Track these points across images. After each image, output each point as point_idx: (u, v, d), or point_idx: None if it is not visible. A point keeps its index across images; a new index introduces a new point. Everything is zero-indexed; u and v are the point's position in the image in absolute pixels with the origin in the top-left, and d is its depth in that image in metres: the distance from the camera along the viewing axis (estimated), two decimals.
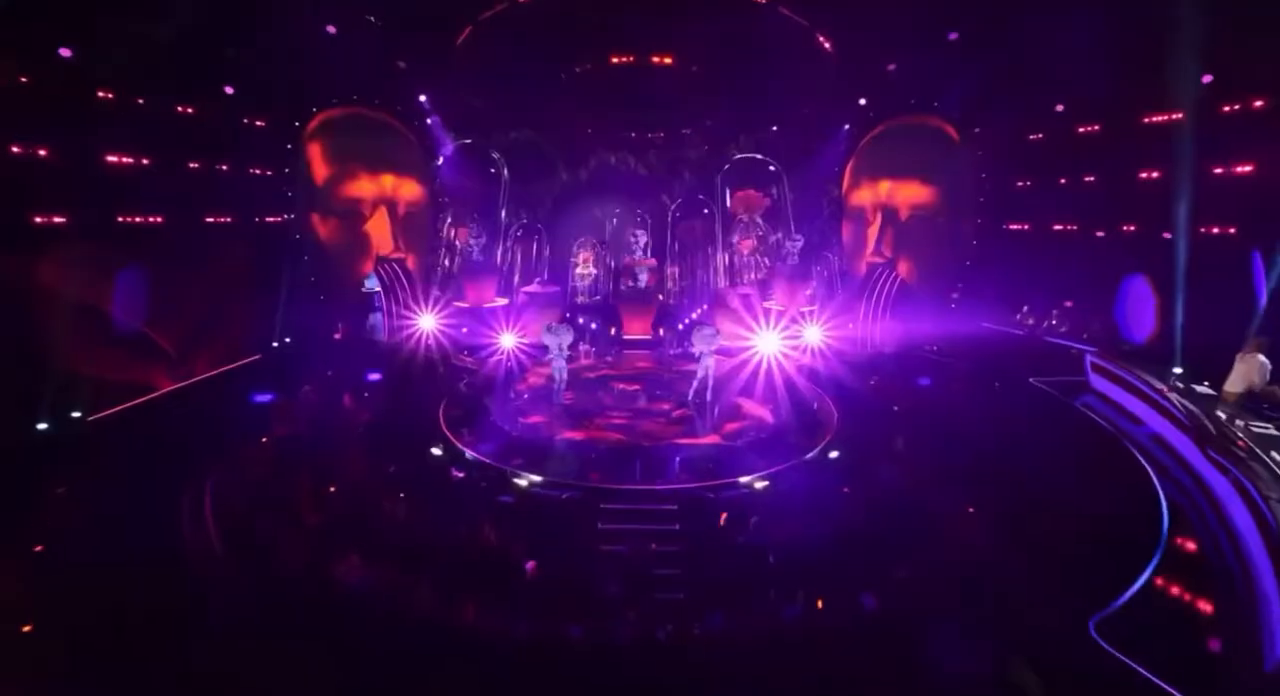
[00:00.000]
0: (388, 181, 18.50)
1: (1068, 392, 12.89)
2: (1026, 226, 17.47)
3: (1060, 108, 16.41)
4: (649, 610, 7.34)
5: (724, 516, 8.82)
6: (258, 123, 16.50)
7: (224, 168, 15.54)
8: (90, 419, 11.31)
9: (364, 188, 18.20)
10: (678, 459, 10.28)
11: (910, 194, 18.52)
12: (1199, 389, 10.23)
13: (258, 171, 16.80)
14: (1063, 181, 16.57)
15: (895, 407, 12.81)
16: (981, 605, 6.59)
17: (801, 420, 12.12)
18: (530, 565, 7.92)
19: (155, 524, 7.88)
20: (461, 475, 9.98)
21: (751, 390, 13.75)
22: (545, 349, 13.22)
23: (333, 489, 9.17)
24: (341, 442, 10.91)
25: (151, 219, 13.38)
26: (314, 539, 7.73)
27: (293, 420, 11.84)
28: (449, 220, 21.59)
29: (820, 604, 7.02)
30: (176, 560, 7.32)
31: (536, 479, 9.63)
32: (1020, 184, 17.56)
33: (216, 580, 6.97)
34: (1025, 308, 16.91)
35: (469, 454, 10.46)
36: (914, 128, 18.46)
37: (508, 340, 15.15)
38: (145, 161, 13.23)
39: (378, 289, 19.34)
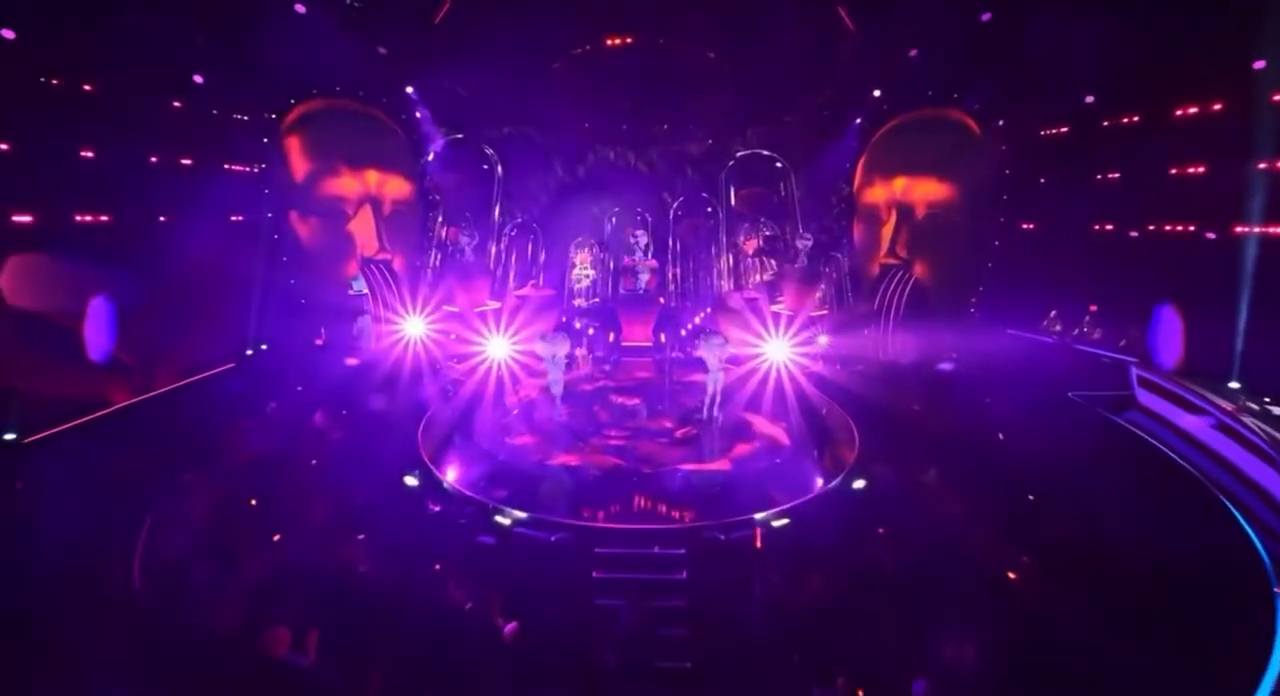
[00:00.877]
0: (372, 178, 17.10)
1: (1114, 409, 11.49)
2: (1053, 225, 16.05)
3: (1090, 99, 15.01)
4: (649, 686, 5.98)
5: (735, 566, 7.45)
6: (233, 115, 15.13)
7: (189, 162, 14.13)
8: (27, 441, 9.95)
9: (347, 185, 16.80)
10: (683, 490, 8.90)
11: (928, 191, 17.12)
12: (1276, 411, 8.84)
13: (231, 167, 15.38)
14: (1094, 177, 15.14)
15: (925, 428, 11.39)
16: None
17: (819, 441, 10.75)
18: (510, 628, 6.56)
19: (63, 572, 6.48)
20: (437, 509, 8.61)
21: (760, 404, 12.41)
22: (540, 359, 11.88)
23: (276, 538, 7.74)
24: (304, 469, 9.52)
25: (103, 218, 11.97)
26: (247, 598, 6.32)
27: (253, 441, 10.45)
28: (440, 220, 20.24)
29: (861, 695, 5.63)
30: (77, 620, 5.93)
31: (521, 515, 8.25)
32: (1046, 180, 16.14)
33: (117, 654, 5.57)
34: (1053, 313, 15.51)
35: (447, 483, 9.09)
36: (932, 121, 17.06)
37: (499, 347, 13.79)
38: (103, 155, 11.83)
39: (366, 291, 18.00)
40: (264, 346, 15.61)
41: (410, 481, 8.94)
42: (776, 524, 8.20)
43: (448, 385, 13.73)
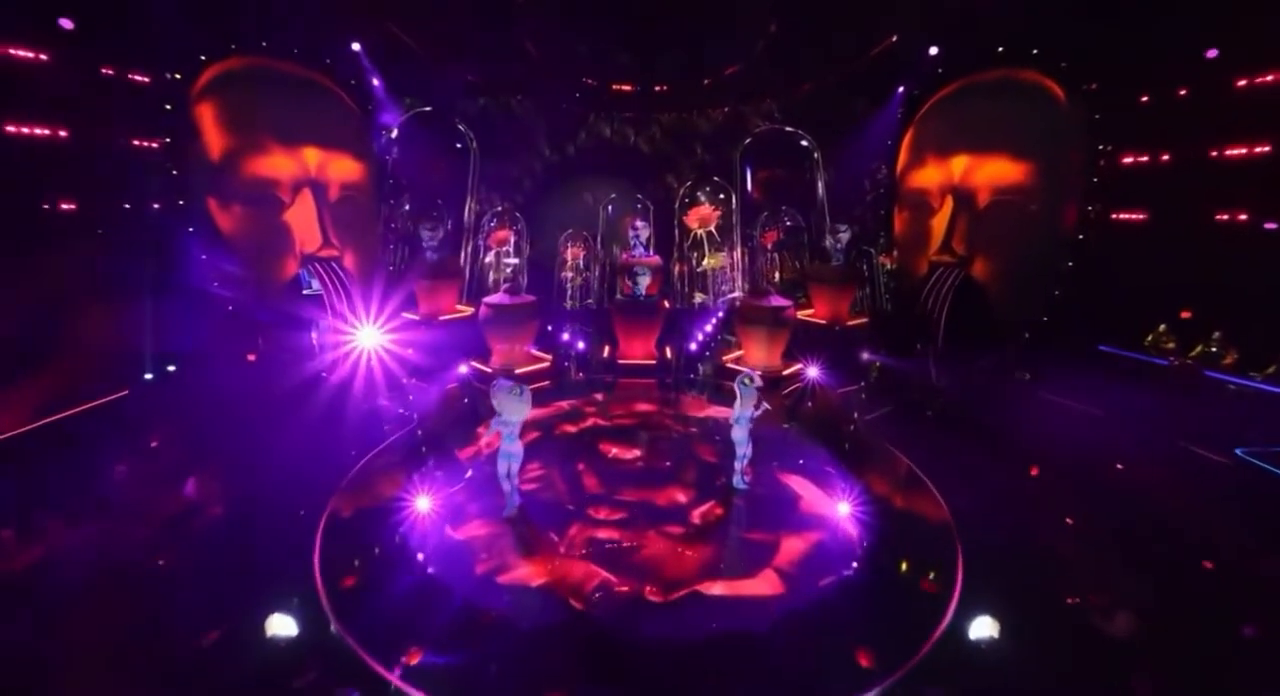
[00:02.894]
0: (311, 157, 13.36)
1: None
2: (1160, 215, 12.35)
3: (1213, 53, 11.27)
4: None
5: None
6: (125, 75, 11.41)
7: (65, 135, 10.45)
8: None
9: (279, 165, 13.06)
10: (712, 662, 5.30)
11: (995, 173, 13.37)
12: None
13: (123, 142, 11.68)
14: (1213, 154, 11.42)
15: (1049, 506, 7.75)
16: None
17: (902, 532, 7.17)
18: None
19: None
20: (309, 680, 5.06)
21: (795, 453, 8.87)
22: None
23: None
24: (113, 597, 5.94)
25: None
26: None
27: (56, 531, 6.87)
28: (406, 208, 16.57)
29: None
30: None
31: None
32: (1149, 158, 12.39)
33: None
34: (1161, 327, 11.87)
35: (334, 627, 5.54)
36: (1002, 85, 13.28)
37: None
38: None
39: (319, 290, 14.41)
40: (171, 367, 11.99)
41: (278, 626, 5.37)
42: None
43: (388, 425, 10.18)
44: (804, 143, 16.85)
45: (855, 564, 6.60)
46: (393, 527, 7.06)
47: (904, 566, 6.58)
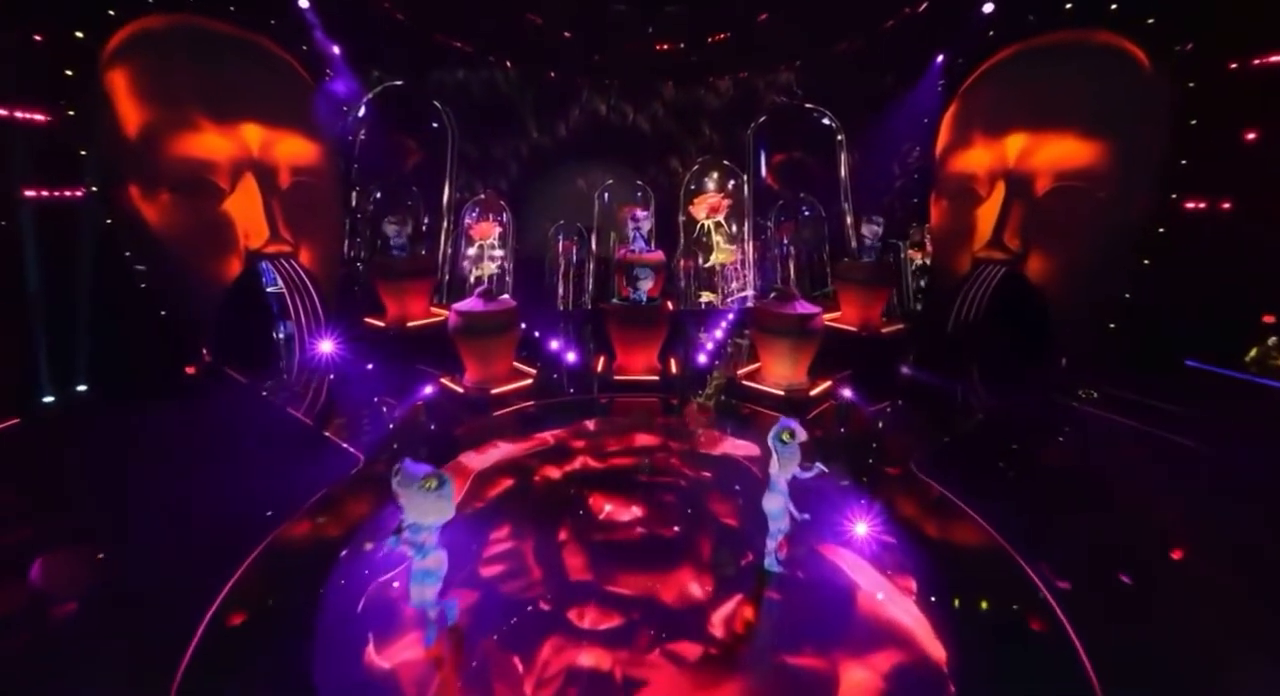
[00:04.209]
0: (253, 135, 11.06)
1: None
2: (1259, 205, 10.07)
3: None
4: None
5: None
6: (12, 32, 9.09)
7: None
8: None
9: (212, 145, 10.77)
10: None
11: (1057, 154, 11.08)
12: None
13: (16, 115, 9.39)
14: None
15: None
16: None
17: (995, 632, 5.06)
18: None
19: None
20: None
21: (835, 509, 6.70)
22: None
23: None
24: None
25: None
26: None
27: None
28: (377, 196, 14.32)
29: None
30: None
31: None
32: (1257, 136, 10.07)
33: None
34: (1273, 339, 9.65)
35: None
36: (1070, 49, 10.95)
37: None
38: None
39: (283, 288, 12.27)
40: (81, 387, 9.81)
41: None
42: None
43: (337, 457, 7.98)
44: (826, 121, 14.54)
45: None
46: (289, 651, 4.91)
47: None
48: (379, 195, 14.43)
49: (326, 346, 11.58)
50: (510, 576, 5.83)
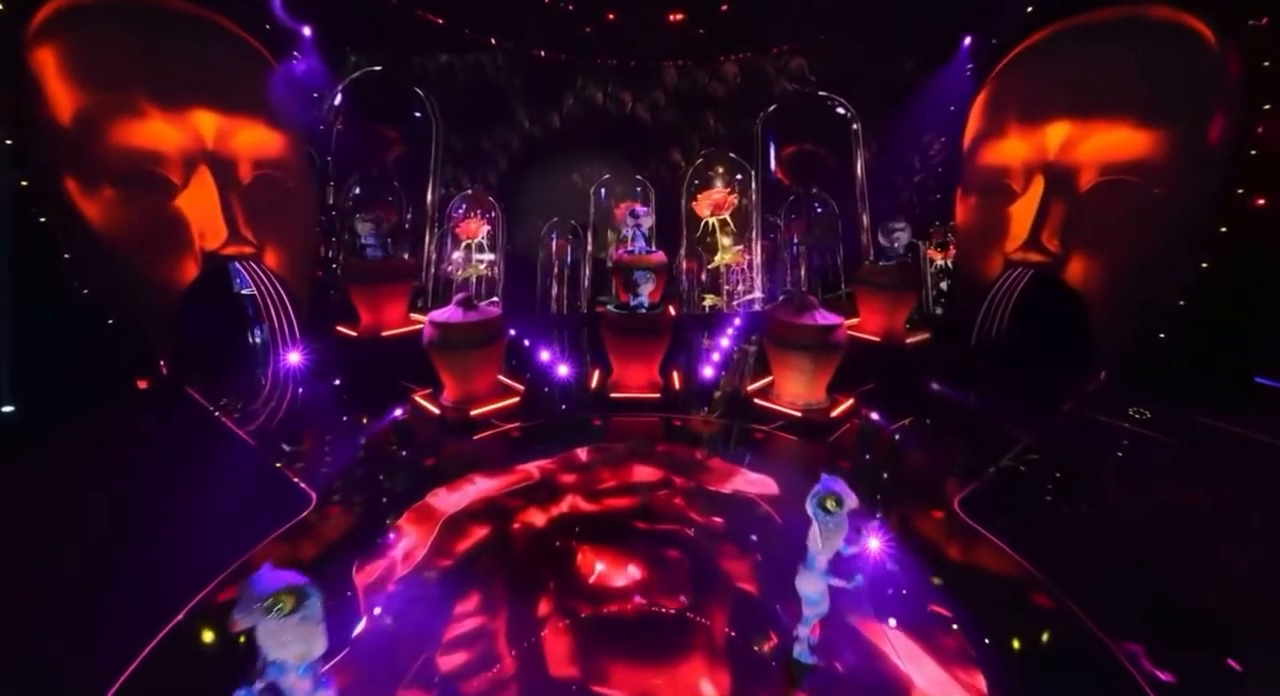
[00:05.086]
0: (206, 124, 9.75)
1: None
2: None
3: None
4: None
5: None
6: None
7: None
8: None
9: (161, 134, 9.47)
10: None
11: (1105, 145, 9.79)
12: None
13: None
14: None
15: None
16: None
17: None
18: None
19: None
20: None
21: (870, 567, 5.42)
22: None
23: None
24: None
25: None
26: None
27: None
28: (355, 192, 13.06)
29: None
30: None
31: None
32: None
33: None
34: None
35: None
36: (1118, 25, 9.64)
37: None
38: None
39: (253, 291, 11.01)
40: (8, 407, 8.55)
41: None
42: None
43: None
44: (840, 110, 13.22)
45: None
46: None
47: None
48: (357, 191, 13.18)
49: (294, 358, 10.33)
50: (474, 670, 4.58)
